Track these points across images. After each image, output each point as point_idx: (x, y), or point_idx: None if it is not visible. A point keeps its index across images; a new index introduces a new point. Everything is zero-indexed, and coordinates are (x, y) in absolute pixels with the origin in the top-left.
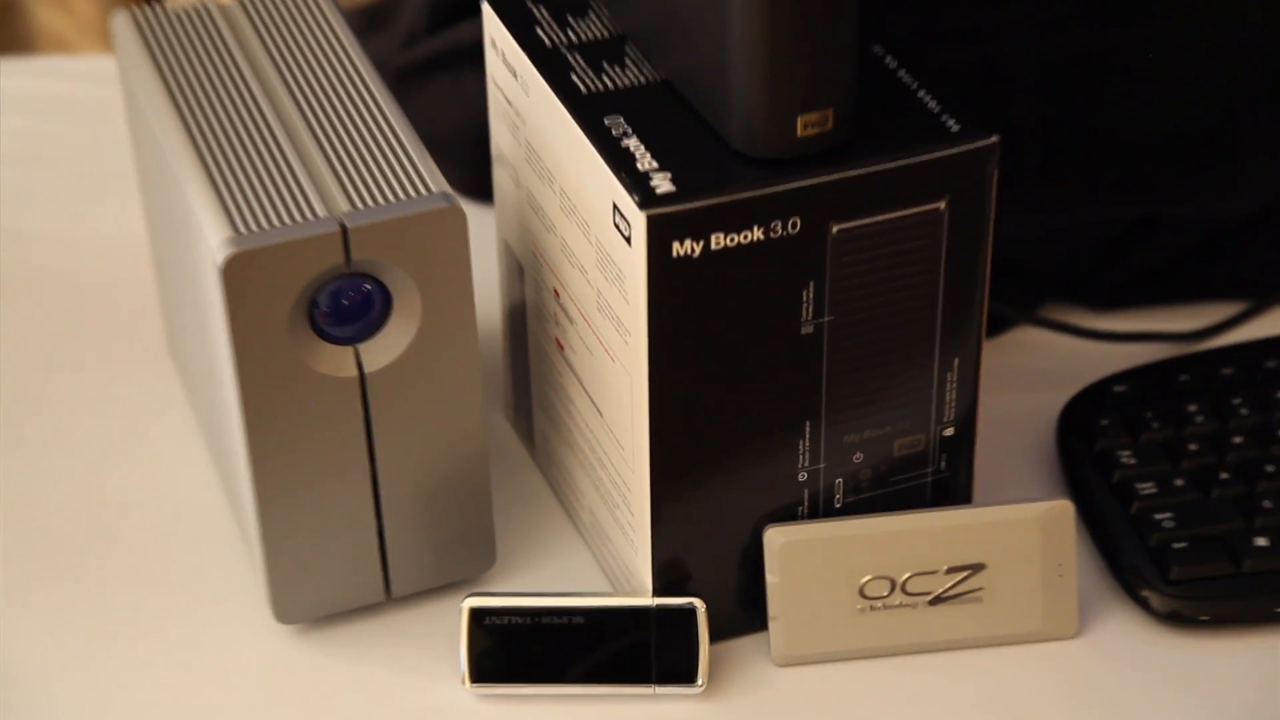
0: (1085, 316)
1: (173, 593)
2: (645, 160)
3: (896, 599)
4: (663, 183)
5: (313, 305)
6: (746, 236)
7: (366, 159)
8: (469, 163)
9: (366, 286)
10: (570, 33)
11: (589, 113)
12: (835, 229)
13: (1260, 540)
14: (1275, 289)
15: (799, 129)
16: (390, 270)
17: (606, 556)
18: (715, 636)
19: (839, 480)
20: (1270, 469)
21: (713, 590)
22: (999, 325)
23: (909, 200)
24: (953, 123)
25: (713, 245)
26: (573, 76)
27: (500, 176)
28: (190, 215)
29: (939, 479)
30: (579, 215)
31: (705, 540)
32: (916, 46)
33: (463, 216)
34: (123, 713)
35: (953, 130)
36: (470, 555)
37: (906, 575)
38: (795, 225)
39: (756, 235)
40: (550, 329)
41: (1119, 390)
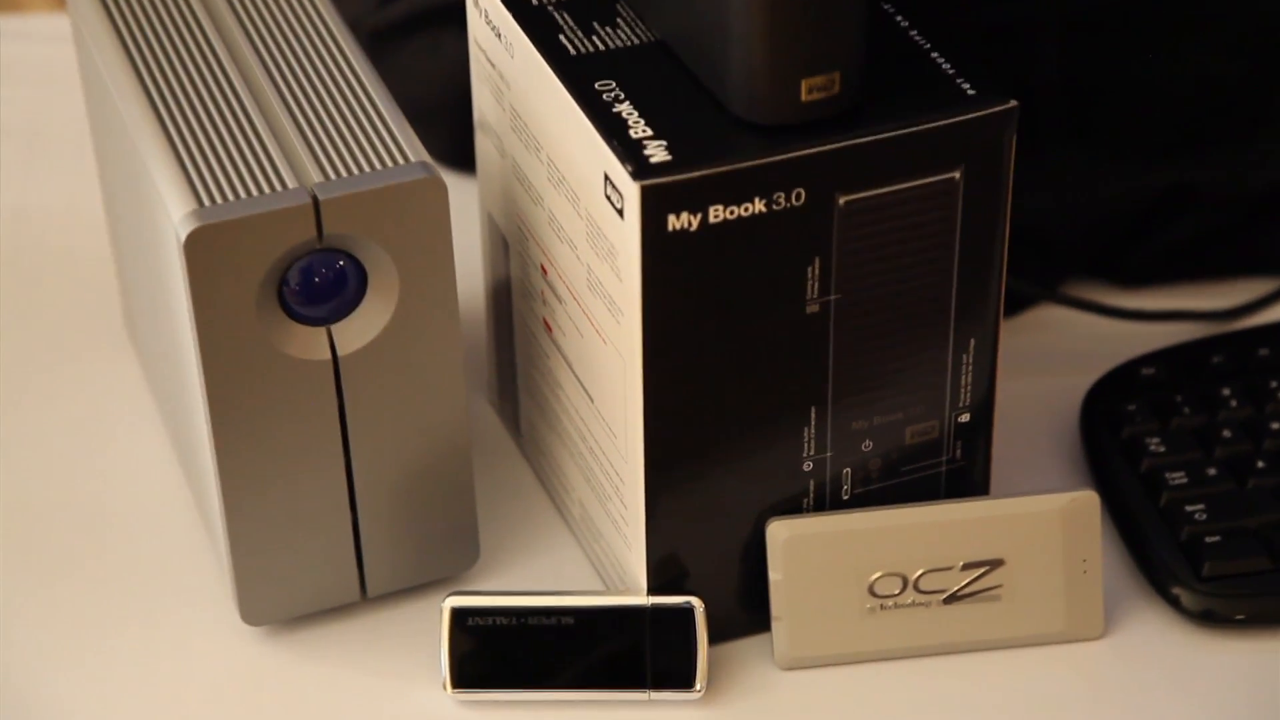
0: (1111, 294)
1: (131, 592)
2: (639, 127)
3: (908, 597)
4: (657, 151)
5: (282, 283)
6: (747, 209)
7: (339, 126)
8: (449, 130)
9: (340, 263)
10: None
11: (578, 76)
12: (842, 200)
13: None
14: None
15: (803, 93)
16: (365, 245)
17: (598, 552)
18: (714, 638)
19: (847, 470)
20: None
21: (711, 588)
22: (1018, 303)
23: (921, 169)
24: (968, 86)
25: (711, 218)
26: (561, 37)
27: (483, 145)
28: (150, 186)
29: (954, 468)
30: (568, 186)
31: (703, 535)
32: (929, 5)
33: (443, 188)
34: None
35: (968, 94)
36: (452, 552)
37: (919, 572)
38: (799, 197)
39: (758, 207)
40: (537, 308)
41: (1147, 373)
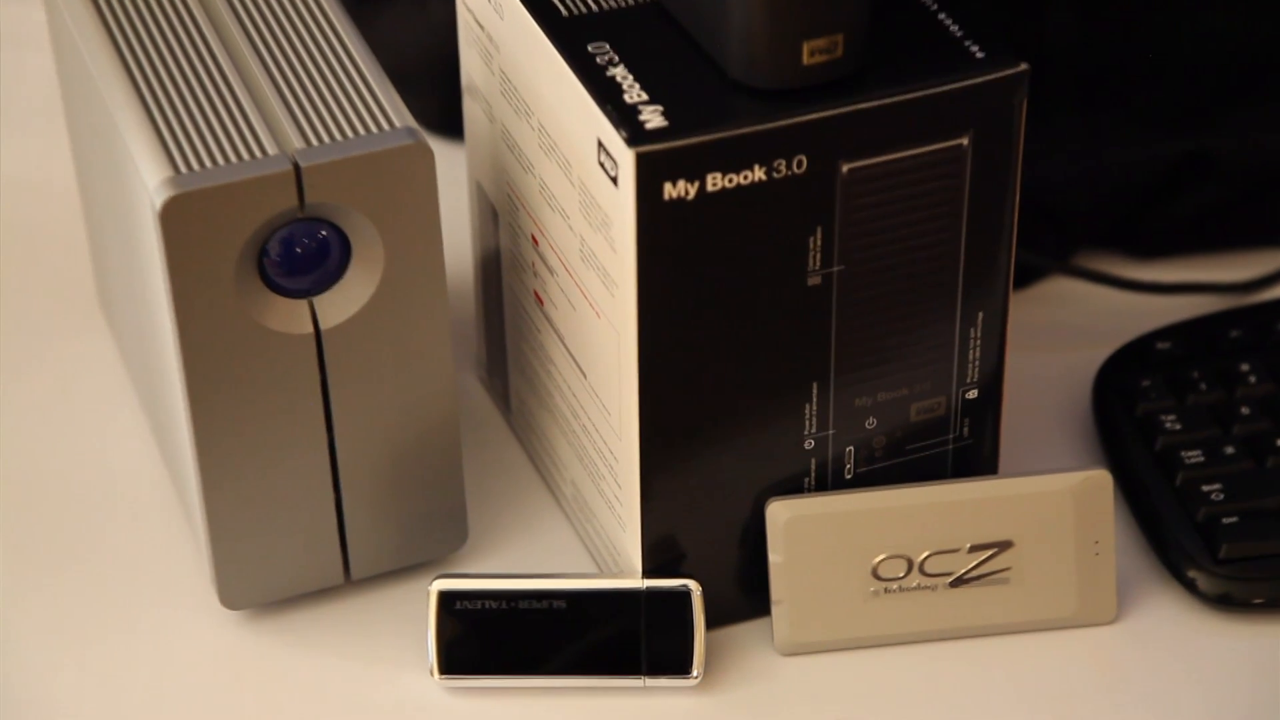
0: (1125, 265)
1: (106, 576)
2: (633, 92)
3: (914, 580)
4: (653, 117)
5: (262, 254)
6: (746, 177)
7: (322, 90)
8: (436, 95)
9: (322, 233)
10: None
11: (571, 38)
12: (845, 168)
13: None
14: None
15: (805, 56)
16: (349, 214)
17: (591, 534)
18: (712, 622)
19: (850, 448)
20: None
21: (709, 571)
22: (1029, 275)
23: (928, 136)
24: (977, 49)
25: (709, 186)
26: None
27: (471, 110)
28: (125, 153)
29: (961, 447)
30: (560, 153)
31: (701, 515)
32: None
33: (430, 155)
34: (50, 709)
35: (977, 57)
36: (439, 533)
37: (925, 554)
38: (801, 164)
39: (758, 175)
40: (528, 280)
41: (1163, 347)
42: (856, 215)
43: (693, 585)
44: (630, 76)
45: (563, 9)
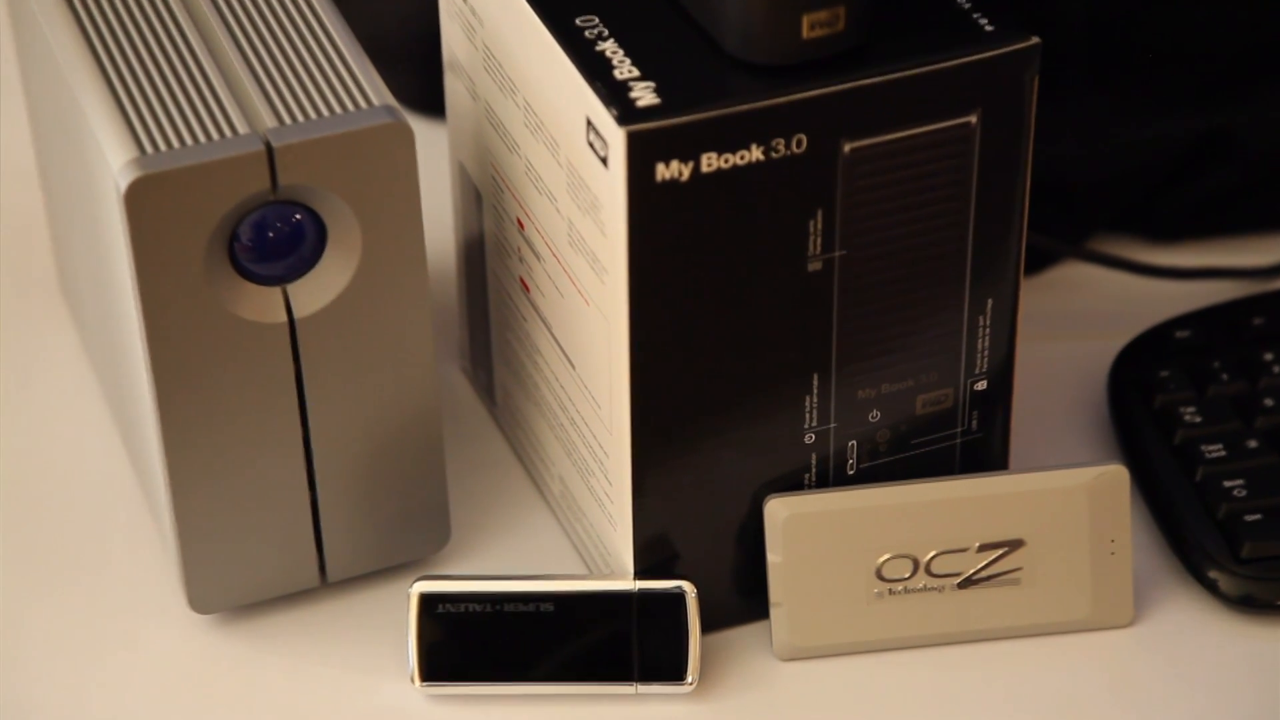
0: (1142, 249)
1: (69, 578)
2: (624, 67)
3: (919, 581)
4: (645, 94)
5: (233, 238)
6: (743, 157)
7: (296, 67)
8: (417, 71)
9: (296, 216)
10: None
11: (558, 11)
12: (847, 148)
13: None
14: None
15: (805, 29)
16: (324, 197)
17: (580, 533)
18: (707, 626)
19: (852, 443)
20: None
21: (704, 572)
22: (1041, 260)
23: (934, 113)
24: (986, 22)
25: (704, 167)
26: None
27: (454, 87)
28: (88, 133)
29: (970, 441)
30: (546, 133)
31: (695, 514)
32: None
33: (409, 134)
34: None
35: (986, 30)
36: (420, 532)
37: (931, 554)
38: (800, 143)
39: (755, 155)
40: (513, 266)
41: (1182, 336)
42: (859, 197)
43: (687, 587)
44: (621, 51)
45: None
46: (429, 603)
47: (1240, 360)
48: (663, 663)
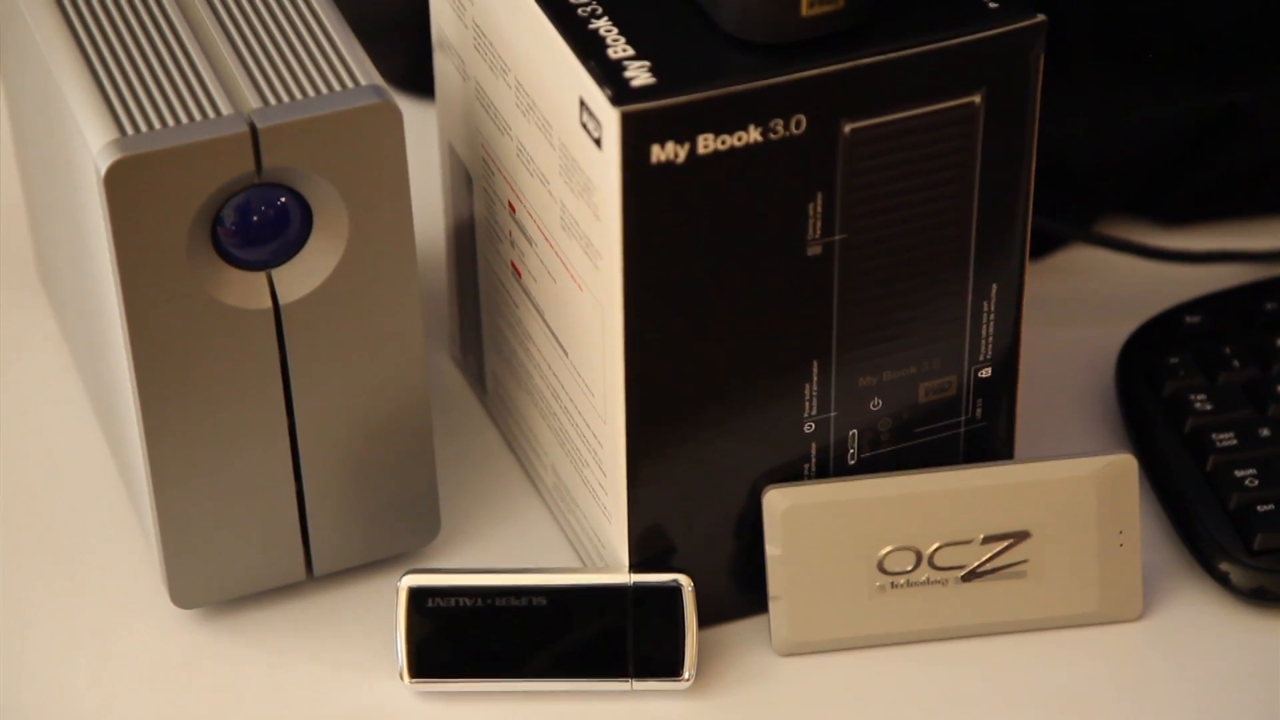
0: (1151, 233)
1: (48, 571)
2: (618, 46)
3: (922, 574)
4: (640, 73)
5: (216, 222)
6: (741, 138)
7: (281, 46)
8: (405, 50)
9: (281, 199)
10: None
11: None
12: (848, 128)
13: None
14: None
15: (804, 7)
16: (310, 179)
17: (573, 525)
18: (704, 621)
19: (853, 432)
20: None
21: (702, 565)
22: (1047, 244)
23: (937, 93)
24: None
25: (700, 149)
26: None
27: (443, 67)
28: (66, 113)
29: (974, 429)
30: (539, 113)
31: (692, 505)
32: None
33: (397, 115)
34: None
35: (990, 7)
36: (409, 525)
37: (935, 546)
38: (800, 124)
39: (753, 136)
40: (504, 251)
41: (1192, 321)
42: (860, 179)
43: (683, 580)
44: (615, 30)
45: None
46: (418, 597)
47: (1252, 346)
48: (659, 658)
